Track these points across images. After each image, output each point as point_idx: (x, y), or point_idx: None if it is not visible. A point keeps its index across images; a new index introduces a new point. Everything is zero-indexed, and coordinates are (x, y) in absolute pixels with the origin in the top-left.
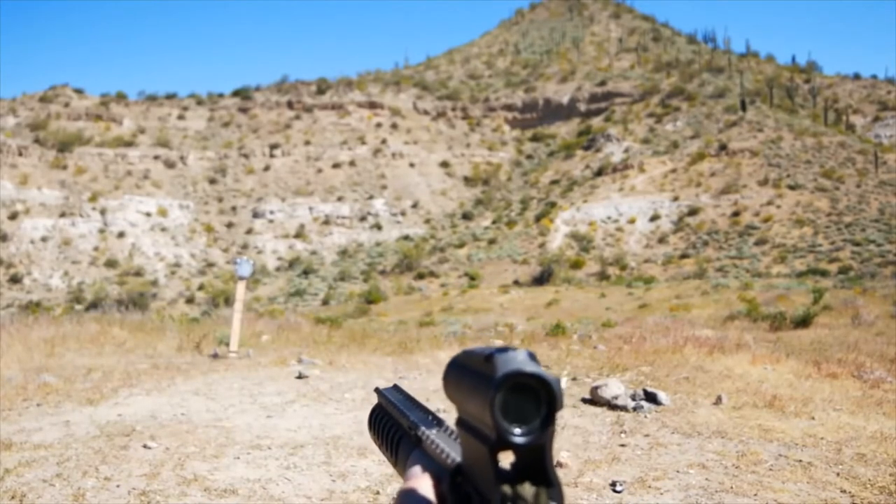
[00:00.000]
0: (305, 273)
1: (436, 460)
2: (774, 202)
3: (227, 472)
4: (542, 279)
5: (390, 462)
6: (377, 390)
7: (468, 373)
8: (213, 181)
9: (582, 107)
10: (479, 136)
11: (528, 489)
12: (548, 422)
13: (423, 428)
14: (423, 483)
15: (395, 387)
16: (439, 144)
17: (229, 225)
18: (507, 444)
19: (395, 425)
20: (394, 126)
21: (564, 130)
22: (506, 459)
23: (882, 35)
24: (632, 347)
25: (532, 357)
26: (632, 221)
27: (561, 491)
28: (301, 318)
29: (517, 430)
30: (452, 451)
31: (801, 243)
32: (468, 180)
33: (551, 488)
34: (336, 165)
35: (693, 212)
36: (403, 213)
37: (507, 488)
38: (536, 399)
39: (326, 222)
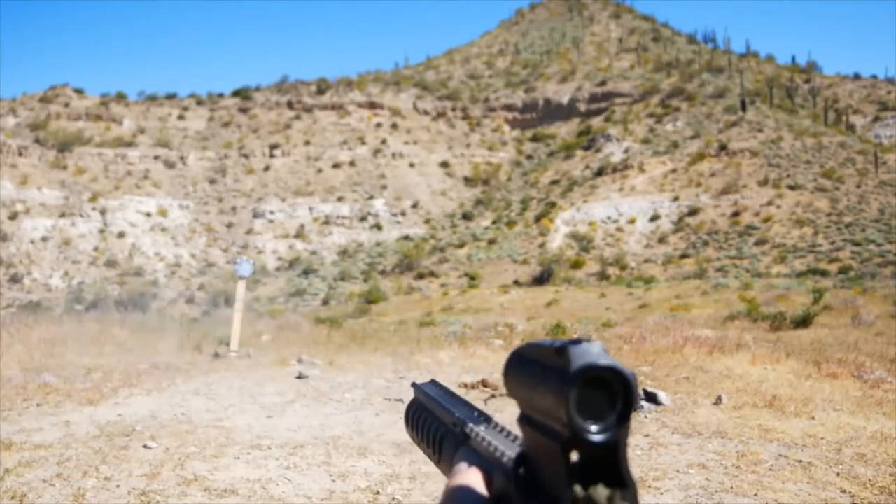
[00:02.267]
0: (305, 273)
1: (487, 458)
2: (774, 202)
3: (227, 472)
4: (542, 279)
5: (432, 460)
6: (414, 385)
7: (536, 366)
8: (213, 181)
9: (582, 107)
10: (479, 136)
11: (601, 492)
12: (624, 418)
13: (470, 424)
14: (473, 477)
15: (434, 381)
16: (439, 144)
17: (229, 225)
18: (583, 442)
19: (436, 421)
20: (394, 126)
21: (564, 130)
22: (574, 458)
23: (882, 35)
24: (632, 347)
25: (605, 349)
26: (632, 221)
27: (636, 493)
28: (301, 318)
29: (593, 427)
30: (507, 449)
31: (801, 243)
32: (468, 180)
33: (625, 490)
34: (336, 165)
35: (693, 212)
36: (403, 213)
37: (578, 489)
38: (612, 394)
39: (326, 222)
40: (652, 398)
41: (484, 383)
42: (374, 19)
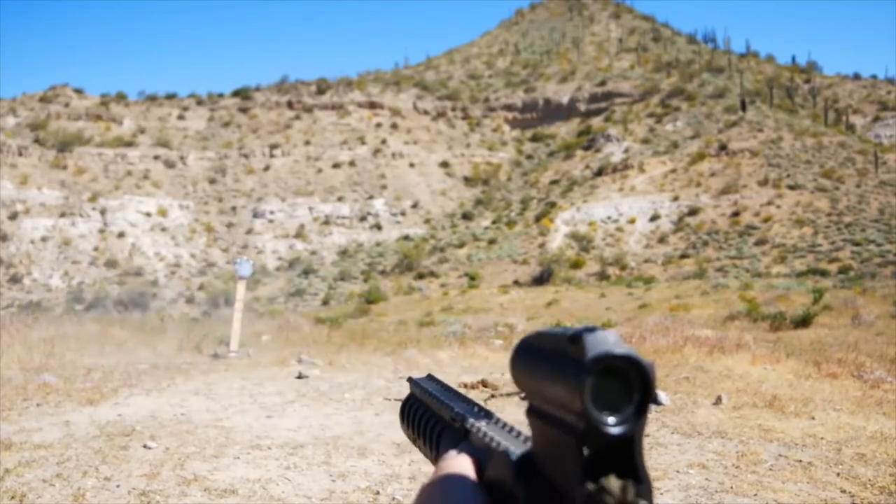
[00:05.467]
0: (305, 273)
1: (483, 450)
2: (774, 202)
3: (227, 472)
4: (542, 279)
5: (428, 457)
6: (410, 380)
7: (547, 355)
8: (213, 181)
9: (582, 107)
10: (479, 136)
11: (613, 482)
12: (642, 410)
13: (470, 419)
14: (462, 462)
15: (430, 376)
16: (439, 144)
17: (229, 225)
18: (599, 435)
19: (433, 417)
20: (394, 126)
21: (564, 130)
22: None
23: (882, 35)
24: (632, 347)
25: (621, 338)
26: (632, 221)
27: (651, 488)
28: (301, 318)
29: (611, 419)
30: (510, 444)
31: (801, 243)
32: (468, 180)
33: (640, 484)
34: (336, 165)
35: (693, 212)
36: (403, 213)
37: (591, 484)
38: (628, 384)
39: (326, 222)
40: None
41: (484, 383)
42: (374, 19)
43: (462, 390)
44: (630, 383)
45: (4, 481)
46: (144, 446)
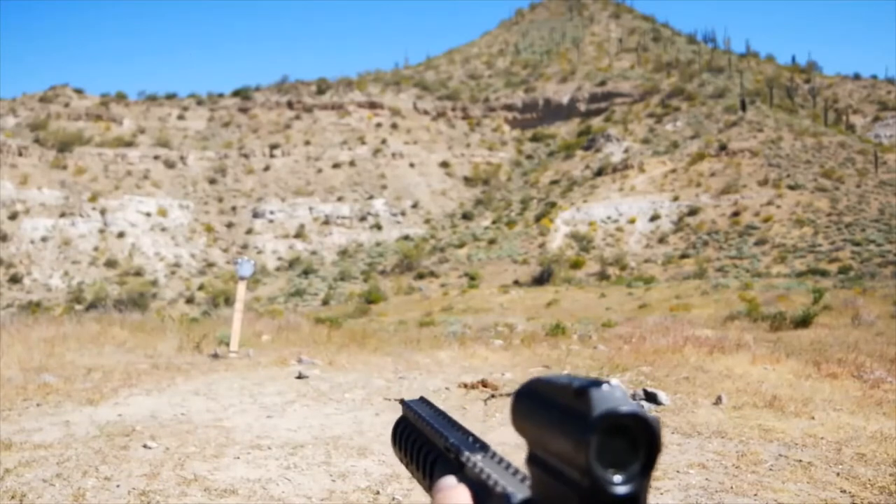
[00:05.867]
0: (305, 273)
1: (482, 487)
2: (774, 202)
3: (227, 472)
4: (542, 279)
5: (421, 484)
6: (403, 402)
7: (551, 407)
8: (213, 181)
9: (582, 107)
10: (479, 136)
11: None
12: (648, 468)
13: (466, 452)
14: (461, 495)
15: (423, 399)
16: (439, 144)
17: (229, 225)
18: (604, 495)
19: (426, 444)
20: (394, 126)
21: (564, 130)
22: None
23: (882, 35)
24: (632, 347)
25: (626, 392)
26: (632, 221)
27: None
28: (301, 318)
29: (616, 478)
30: (509, 486)
31: (801, 243)
32: (468, 180)
33: None
34: (336, 165)
35: (693, 212)
36: (403, 213)
37: None
38: (633, 442)
39: (326, 222)
40: (652, 398)
41: (484, 383)
42: (374, 19)
43: (462, 390)
44: (636, 441)
45: (4, 481)
46: (144, 446)
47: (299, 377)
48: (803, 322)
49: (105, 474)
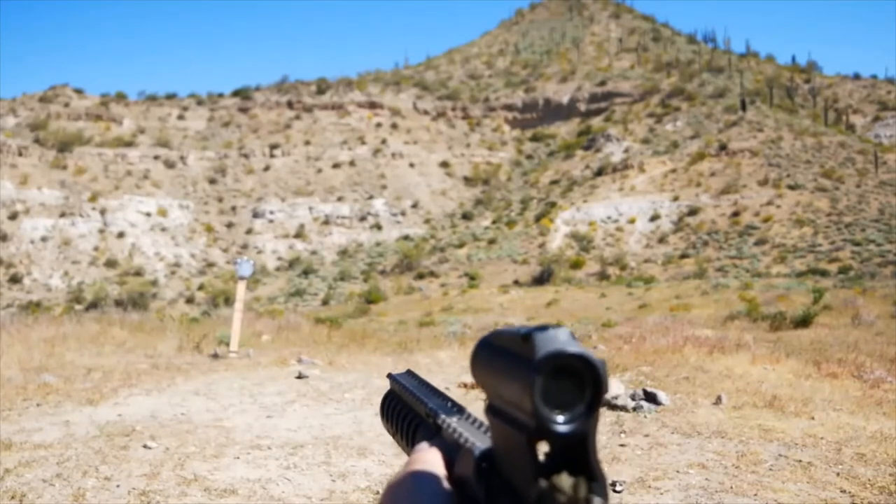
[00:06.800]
0: (305, 273)
1: (452, 446)
2: (774, 202)
3: (227, 472)
4: (542, 279)
5: (406, 452)
6: (390, 376)
7: (502, 354)
8: (213, 181)
9: (582, 107)
10: (479, 136)
11: (565, 479)
12: (593, 408)
13: (442, 415)
14: (432, 456)
15: (409, 372)
16: (439, 144)
17: (229, 225)
18: (549, 433)
19: (410, 412)
20: (394, 126)
21: (564, 130)
22: (542, 450)
23: (882, 35)
24: (632, 347)
25: (573, 336)
26: (632, 221)
27: (605, 485)
28: (301, 318)
29: (560, 418)
30: (478, 441)
31: (801, 243)
32: (468, 180)
33: (594, 482)
34: (336, 165)
35: (693, 212)
36: (403, 213)
37: (543, 482)
38: (580, 383)
39: (326, 222)
40: (652, 398)
41: None
42: (374, 19)
43: (462, 390)
44: (582, 382)
45: (4, 481)
46: (144, 446)
47: (299, 377)
48: (803, 322)
49: (105, 474)
